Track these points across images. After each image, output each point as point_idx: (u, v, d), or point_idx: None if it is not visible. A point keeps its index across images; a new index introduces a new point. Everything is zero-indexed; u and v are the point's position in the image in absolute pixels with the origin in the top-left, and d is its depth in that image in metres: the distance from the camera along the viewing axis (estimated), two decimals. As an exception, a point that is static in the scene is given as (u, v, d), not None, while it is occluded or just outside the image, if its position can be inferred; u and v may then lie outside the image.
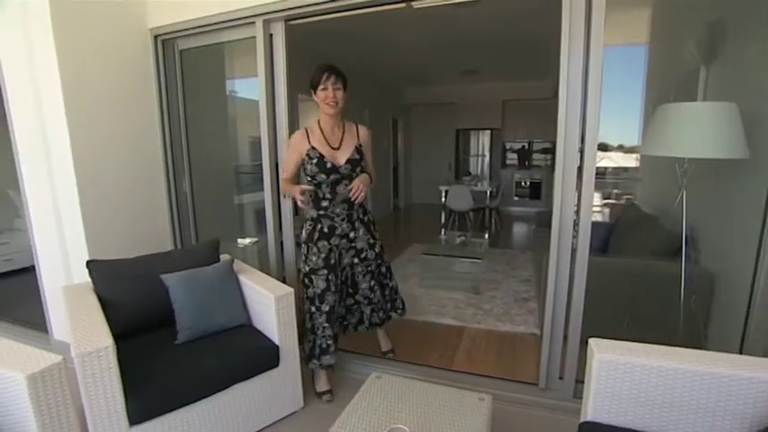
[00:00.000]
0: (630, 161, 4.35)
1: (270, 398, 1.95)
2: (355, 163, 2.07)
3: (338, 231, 2.11)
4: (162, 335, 1.93)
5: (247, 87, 3.30)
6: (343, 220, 2.11)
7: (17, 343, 1.42)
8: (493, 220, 6.99)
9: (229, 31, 2.48)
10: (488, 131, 8.92)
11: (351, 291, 2.31)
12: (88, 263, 1.98)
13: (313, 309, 2.09)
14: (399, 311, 2.54)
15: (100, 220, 2.41)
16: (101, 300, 1.89)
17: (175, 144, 2.82)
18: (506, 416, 2.00)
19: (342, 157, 2.05)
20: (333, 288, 2.09)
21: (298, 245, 2.36)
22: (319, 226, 2.09)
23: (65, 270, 2.49)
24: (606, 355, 1.28)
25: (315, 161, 2.00)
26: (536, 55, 5.52)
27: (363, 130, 2.18)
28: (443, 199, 6.67)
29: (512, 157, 9.03)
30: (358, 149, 2.10)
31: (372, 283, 2.31)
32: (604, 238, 3.12)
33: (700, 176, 2.01)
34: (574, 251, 1.94)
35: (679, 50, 2.81)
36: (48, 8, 2.13)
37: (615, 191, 4.55)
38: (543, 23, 4.02)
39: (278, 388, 1.97)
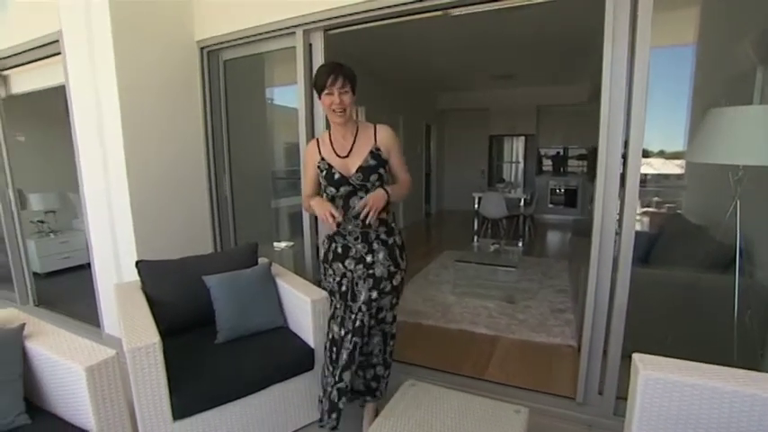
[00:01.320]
0: (673, 168, 4.15)
1: (304, 400, 1.98)
2: (368, 170, 1.74)
3: (352, 253, 1.79)
4: (202, 334, 2.00)
5: (284, 95, 3.41)
6: (356, 239, 1.79)
7: (78, 337, 1.52)
8: (527, 228, 6.83)
9: (270, 42, 2.57)
10: (522, 137, 8.76)
11: (365, 340, 1.78)
12: (137, 263, 2.09)
13: (332, 323, 1.80)
14: (377, 395, 1.96)
15: (148, 222, 2.54)
16: (148, 298, 1.98)
17: (217, 150, 2.94)
18: (541, 429, 1.95)
19: (352, 166, 1.76)
20: (338, 318, 1.75)
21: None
22: (333, 245, 1.85)
23: (116, 268, 2.64)
24: (653, 373, 1.22)
25: (324, 173, 1.78)
26: (573, 59, 5.39)
27: (383, 131, 1.84)
28: (476, 206, 6.58)
29: (546, 164, 8.83)
30: (374, 154, 1.77)
31: (374, 322, 1.81)
32: (646, 249, 2.99)
33: (756, 185, 1.89)
34: (615, 261, 1.87)
35: (732, 50, 2.66)
36: (109, 23, 2.30)
37: (656, 199, 4.35)
38: (582, 26, 3.93)
39: (312, 391, 2.00)
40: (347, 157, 1.79)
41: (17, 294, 3.69)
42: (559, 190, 8.32)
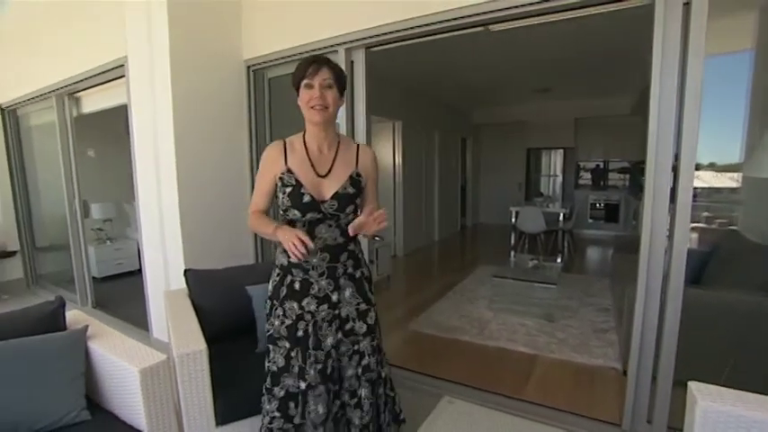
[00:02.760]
0: (725, 181, 3.92)
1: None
2: (346, 199, 1.44)
3: (314, 291, 1.45)
4: (243, 342, 2.05)
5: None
6: (321, 275, 1.46)
7: (133, 340, 1.61)
8: (566, 244, 6.62)
9: (313, 60, 2.67)
10: (561, 150, 8.55)
11: (336, 388, 1.49)
12: (185, 271, 2.19)
13: (264, 389, 1.48)
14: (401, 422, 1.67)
15: (195, 233, 2.67)
16: (194, 305, 2.07)
17: (261, 165, 3.06)
18: (586, 456, 1.87)
19: (328, 190, 1.43)
20: (295, 370, 1.43)
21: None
22: (289, 279, 1.47)
23: (164, 276, 2.78)
24: (712, 405, 1.13)
25: (289, 190, 1.40)
26: (614, 70, 5.24)
27: (367, 153, 1.55)
28: (513, 220, 6.46)
29: (585, 177, 8.54)
30: (354, 180, 1.47)
31: (359, 370, 1.50)
32: (697, 268, 2.82)
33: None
34: (665, 281, 1.79)
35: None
36: (167, 47, 2.48)
37: (705, 214, 4.11)
38: (626, 37, 3.83)
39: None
40: (325, 177, 1.45)
41: (78, 296, 3.96)
42: (599, 204, 8.02)
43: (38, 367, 1.42)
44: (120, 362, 1.48)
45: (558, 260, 5.98)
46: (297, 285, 1.46)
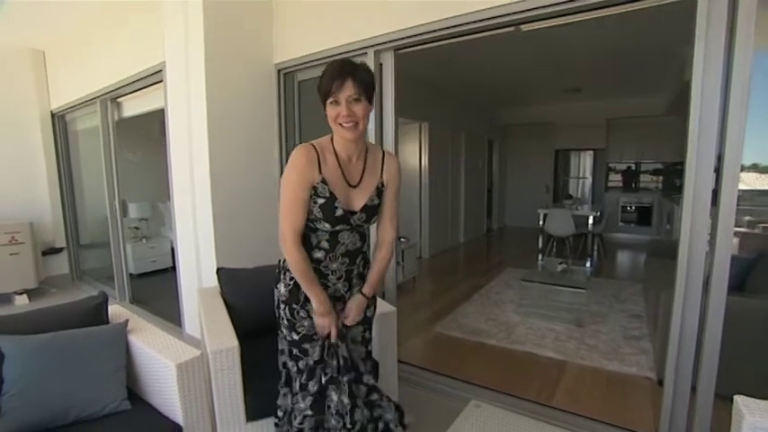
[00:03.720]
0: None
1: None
2: (372, 211, 1.44)
3: (330, 291, 1.46)
4: (271, 340, 2.09)
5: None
6: (339, 278, 1.46)
7: (170, 335, 1.68)
8: (596, 248, 6.43)
9: (343, 63, 2.70)
10: (591, 152, 8.33)
11: (353, 375, 1.48)
12: (218, 270, 2.26)
13: (296, 387, 1.46)
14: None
15: (227, 233, 2.75)
16: (226, 303, 2.13)
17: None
18: (619, 467, 1.81)
19: (358, 201, 1.41)
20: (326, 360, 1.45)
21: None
22: None
23: (197, 274, 2.87)
24: (762, 421, 1.07)
25: (321, 202, 1.35)
26: (648, 68, 5.06)
27: (392, 161, 1.51)
28: (541, 222, 6.33)
29: (615, 179, 8.28)
30: (379, 191, 1.46)
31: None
32: (740, 275, 2.69)
33: None
34: (706, 288, 1.71)
35: None
36: (203, 52, 2.57)
37: (747, 218, 3.91)
38: (662, 33, 3.70)
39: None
40: (356, 187, 1.41)
41: (117, 291, 4.14)
42: (631, 207, 7.75)
43: (85, 358, 1.50)
44: (158, 356, 1.54)
45: (588, 264, 5.82)
46: None
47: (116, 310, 1.87)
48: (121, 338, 1.61)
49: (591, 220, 6.16)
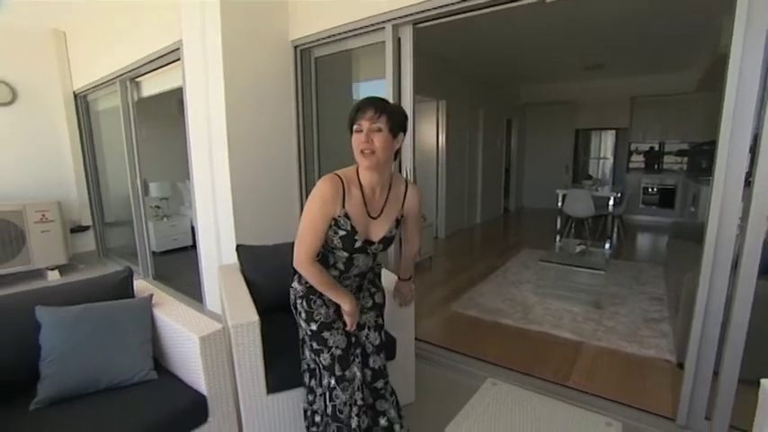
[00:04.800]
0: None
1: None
2: (389, 241, 1.52)
3: None
4: (290, 316, 2.13)
5: (368, 91, 3.49)
6: (353, 290, 1.60)
7: (192, 310, 1.72)
8: (615, 229, 6.31)
9: (360, 38, 2.65)
10: (613, 131, 8.07)
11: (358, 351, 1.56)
12: (237, 247, 2.30)
13: (332, 382, 1.45)
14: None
15: (245, 210, 2.78)
16: (246, 279, 2.17)
17: (308, 144, 3.11)
18: (635, 448, 1.81)
19: (378, 233, 1.48)
20: (352, 348, 1.52)
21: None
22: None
23: (217, 251, 2.93)
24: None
25: (342, 233, 1.41)
26: (677, 42, 4.82)
27: (413, 195, 1.56)
28: (560, 203, 6.22)
29: (636, 160, 8.03)
30: (398, 222, 1.54)
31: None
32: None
33: None
34: (734, 271, 1.66)
35: None
36: (219, 30, 2.55)
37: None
38: (692, 3, 3.51)
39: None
40: (377, 218, 1.47)
41: (140, 268, 4.28)
42: (653, 189, 7.52)
43: (114, 329, 1.56)
44: (182, 329, 1.59)
45: (607, 246, 5.73)
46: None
47: (141, 285, 1.93)
48: (147, 311, 1.67)
49: (611, 202, 6.02)
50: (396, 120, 1.36)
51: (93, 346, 1.51)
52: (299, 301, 1.56)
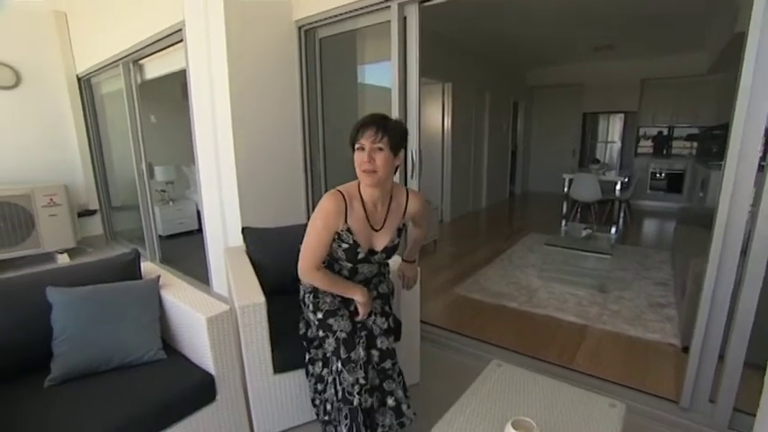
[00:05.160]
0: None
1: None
2: (392, 251, 1.60)
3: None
4: (296, 299, 2.15)
5: (373, 73, 3.45)
6: None
7: (200, 292, 1.74)
8: (622, 214, 6.27)
9: (365, 17, 2.59)
10: (621, 115, 7.93)
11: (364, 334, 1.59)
12: (243, 229, 2.30)
13: (339, 366, 1.48)
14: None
15: (251, 193, 2.78)
16: (252, 261, 2.18)
17: (312, 126, 3.09)
18: (637, 430, 1.83)
19: (380, 243, 1.56)
20: (358, 332, 1.55)
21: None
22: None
23: (223, 234, 2.95)
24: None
25: (345, 246, 1.50)
26: (691, 21, 4.68)
27: (415, 202, 1.62)
28: (566, 188, 6.17)
29: (644, 145, 7.92)
30: (399, 231, 1.62)
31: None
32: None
33: None
34: (743, 257, 1.65)
35: None
36: (222, 9, 2.51)
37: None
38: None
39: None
40: (379, 231, 1.56)
41: (147, 252, 4.32)
42: (660, 174, 7.43)
43: (123, 309, 1.58)
44: (189, 309, 1.60)
45: (613, 231, 5.70)
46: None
47: (148, 267, 1.94)
48: (154, 292, 1.68)
49: (618, 186, 5.97)
50: (396, 138, 1.42)
51: (102, 325, 1.53)
52: (307, 296, 1.65)
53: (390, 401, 1.54)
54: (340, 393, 1.48)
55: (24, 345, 1.51)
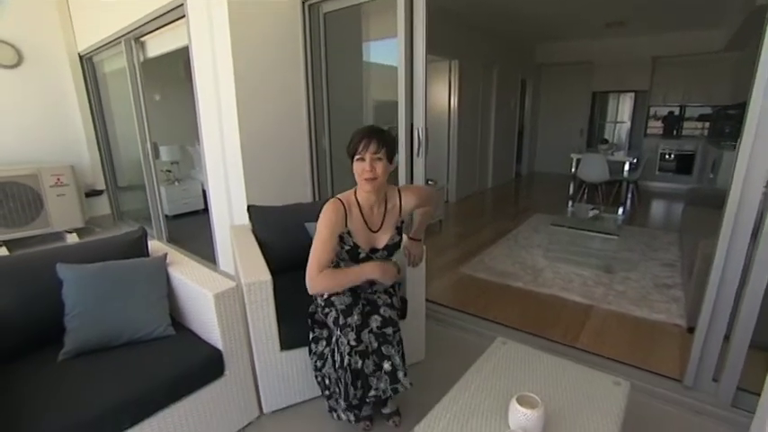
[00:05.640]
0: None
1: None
2: (393, 248, 1.72)
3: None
4: (302, 275, 2.15)
5: (377, 51, 3.38)
6: (365, 285, 1.74)
7: (207, 269, 1.75)
8: (629, 195, 6.20)
9: (371, -9, 2.52)
10: (631, 94, 7.75)
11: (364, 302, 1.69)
12: (248, 207, 2.30)
13: (338, 332, 1.57)
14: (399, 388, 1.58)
15: (256, 172, 2.77)
16: (257, 239, 2.19)
17: (317, 105, 3.05)
18: (641, 408, 1.85)
19: (380, 242, 1.69)
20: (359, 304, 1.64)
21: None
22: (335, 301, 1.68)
23: (228, 213, 2.95)
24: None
25: (347, 248, 1.64)
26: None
27: (409, 197, 1.73)
28: (573, 169, 6.10)
29: (654, 126, 7.76)
30: (399, 229, 1.74)
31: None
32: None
33: None
34: (755, 238, 1.62)
35: None
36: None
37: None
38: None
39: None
40: (377, 231, 1.68)
41: (154, 231, 4.35)
42: (670, 155, 7.30)
43: (131, 286, 1.60)
44: (197, 286, 1.62)
45: (620, 212, 5.64)
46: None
47: (155, 245, 1.96)
48: (162, 270, 1.70)
49: (626, 167, 5.89)
50: (391, 148, 1.58)
51: (111, 302, 1.55)
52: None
53: (387, 366, 1.56)
54: (338, 360, 1.53)
55: (38, 320, 1.54)
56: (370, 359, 1.54)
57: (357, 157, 1.54)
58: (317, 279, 1.53)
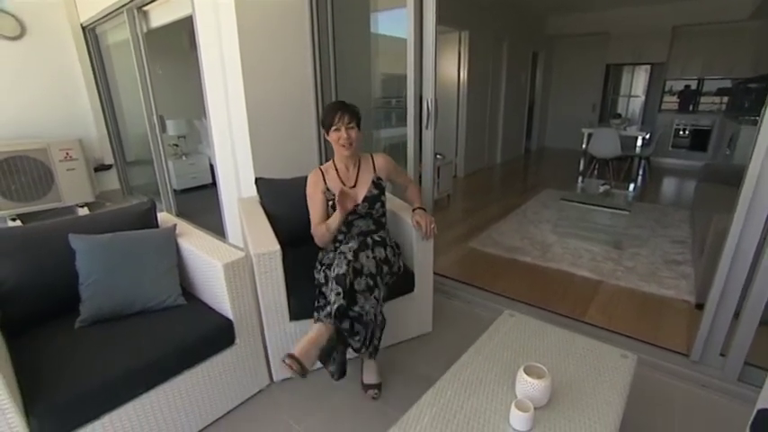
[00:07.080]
0: None
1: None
2: (373, 200, 1.93)
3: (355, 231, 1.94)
4: (312, 249, 2.16)
5: (384, 23, 3.28)
6: (358, 242, 1.83)
7: (216, 240, 1.76)
8: (641, 171, 6.08)
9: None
10: (647, 67, 7.48)
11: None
12: (256, 180, 2.29)
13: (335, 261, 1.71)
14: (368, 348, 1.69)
15: (263, 143, 2.74)
16: (266, 211, 2.19)
17: (324, 75, 2.98)
18: (648, 382, 1.86)
19: (359, 195, 1.92)
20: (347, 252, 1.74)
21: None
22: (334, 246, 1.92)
23: (236, 185, 2.95)
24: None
25: (330, 203, 1.89)
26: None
27: (381, 160, 2.02)
28: (584, 144, 5.98)
29: (670, 101, 7.52)
30: (376, 184, 1.96)
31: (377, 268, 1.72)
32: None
33: None
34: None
35: None
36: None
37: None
38: None
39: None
40: (354, 187, 1.94)
41: (163, 205, 4.38)
42: (685, 131, 7.09)
43: (142, 256, 1.62)
44: (206, 257, 1.63)
45: (631, 188, 5.57)
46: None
47: (164, 217, 1.97)
48: (171, 240, 1.71)
49: (639, 142, 5.76)
50: (359, 118, 1.87)
51: (123, 271, 1.57)
52: (320, 255, 1.97)
53: (376, 293, 1.65)
54: (332, 278, 1.60)
55: (53, 288, 1.56)
56: (363, 279, 1.63)
57: (334, 128, 1.83)
58: (315, 230, 1.89)
